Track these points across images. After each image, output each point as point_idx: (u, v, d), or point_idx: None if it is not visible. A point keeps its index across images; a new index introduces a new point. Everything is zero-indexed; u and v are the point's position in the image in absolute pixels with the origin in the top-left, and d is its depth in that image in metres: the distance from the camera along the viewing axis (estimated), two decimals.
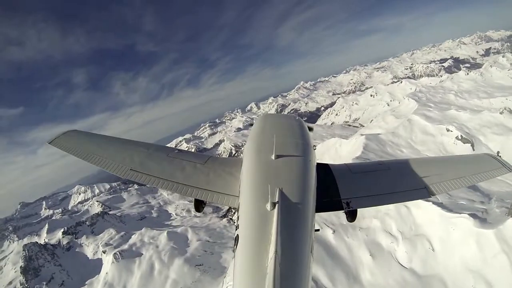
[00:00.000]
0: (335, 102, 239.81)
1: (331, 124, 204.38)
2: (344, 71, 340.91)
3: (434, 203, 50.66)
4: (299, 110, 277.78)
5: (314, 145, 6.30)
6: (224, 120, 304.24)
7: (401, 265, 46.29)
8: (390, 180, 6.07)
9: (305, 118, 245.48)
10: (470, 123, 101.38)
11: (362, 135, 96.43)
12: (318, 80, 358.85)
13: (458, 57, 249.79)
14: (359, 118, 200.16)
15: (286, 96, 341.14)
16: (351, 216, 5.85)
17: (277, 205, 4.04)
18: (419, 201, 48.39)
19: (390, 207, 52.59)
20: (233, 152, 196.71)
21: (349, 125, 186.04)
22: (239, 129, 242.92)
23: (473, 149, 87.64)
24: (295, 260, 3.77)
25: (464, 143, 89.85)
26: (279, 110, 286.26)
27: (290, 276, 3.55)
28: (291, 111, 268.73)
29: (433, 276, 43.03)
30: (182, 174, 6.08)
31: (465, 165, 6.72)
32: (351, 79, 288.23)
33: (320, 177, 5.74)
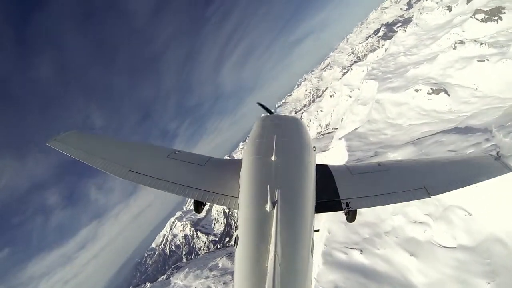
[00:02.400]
0: (301, 118, 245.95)
1: None
2: (296, 86, 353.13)
3: None
4: None
5: (314, 146, 6.59)
6: None
7: (448, 248, 44.22)
8: (389, 180, 6.40)
9: None
10: (432, 72, 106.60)
11: (340, 138, 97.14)
12: (276, 106, 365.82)
13: (388, 22, 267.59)
14: (329, 123, 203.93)
15: None
16: (351, 216, 6.15)
17: (276, 206, 4.21)
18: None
19: None
20: (226, 211, 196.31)
21: (323, 134, 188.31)
22: None
23: (448, 95, 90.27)
24: (295, 260, 3.99)
25: (437, 94, 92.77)
26: None
27: (290, 277, 3.75)
28: None
29: (486, 240, 41.35)
30: (182, 176, 6.43)
31: (465, 165, 7.09)
32: (306, 90, 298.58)
33: (320, 178, 6.03)
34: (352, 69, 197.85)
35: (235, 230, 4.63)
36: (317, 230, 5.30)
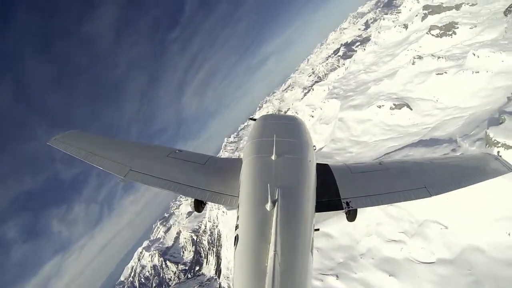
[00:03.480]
0: None
1: None
2: (258, 108, 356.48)
3: None
4: None
5: (314, 145, 6.83)
6: (172, 211, 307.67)
7: (427, 263, 43.99)
8: (389, 180, 6.63)
9: None
10: (393, 88, 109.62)
11: None
12: (239, 129, 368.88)
13: (347, 42, 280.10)
14: None
15: None
16: (351, 216, 6.36)
17: (276, 205, 4.30)
18: None
19: (375, 214, 50.90)
20: (194, 238, 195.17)
21: None
22: (189, 213, 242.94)
23: (411, 108, 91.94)
24: (295, 259, 4.09)
25: (400, 108, 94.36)
26: None
27: (290, 276, 3.85)
28: None
29: (465, 251, 41.50)
30: (182, 175, 6.69)
31: (465, 165, 7.43)
32: (267, 112, 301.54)
33: (320, 177, 6.21)
34: (313, 89, 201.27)
35: (235, 229, 4.71)
36: (317, 229, 5.33)
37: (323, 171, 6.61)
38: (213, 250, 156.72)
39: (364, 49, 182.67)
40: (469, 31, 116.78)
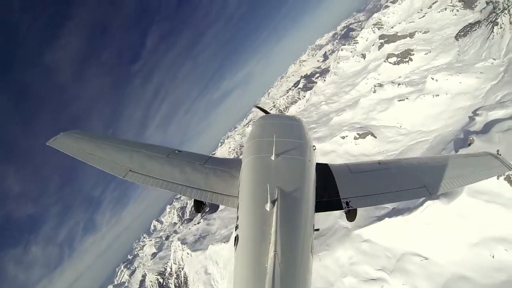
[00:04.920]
0: None
1: None
2: (220, 144, 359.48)
3: (384, 217, 49.88)
4: None
5: (314, 145, 6.89)
6: (135, 252, 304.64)
7: None
8: (389, 179, 6.77)
9: (208, 209, 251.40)
10: (356, 117, 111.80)
11: None
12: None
13: (306, 74, 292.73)
14: None
15: (180, 197, 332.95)
16: (351, 216, 6.61)
17: (276, 205, 4.41)
18: (372, 226, 48.94)
19: (348, 254, 50.05)
20: (161, 280, 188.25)
21: None
22: (154, 254, 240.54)
23: (375, 137, 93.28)
24: (295, 260, 4.18)
25: (364, 137, 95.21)
26: (179, 214, 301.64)
27: (290, 276, 3.94)
28: (192, 210, 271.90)
29: (449, 281, 40.37)
30: (182, 175, 6.84)
31: (465, 164, 7.41)
32: (229, 148, 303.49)
33: (320, 177, 6.39)
34: None
35: (235, 229, 4.80)
36: (317, 230, 5.47)
37: (323, 171, 6.77)
38: None
39: (324, 80, 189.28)
40: (424, 57, 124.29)
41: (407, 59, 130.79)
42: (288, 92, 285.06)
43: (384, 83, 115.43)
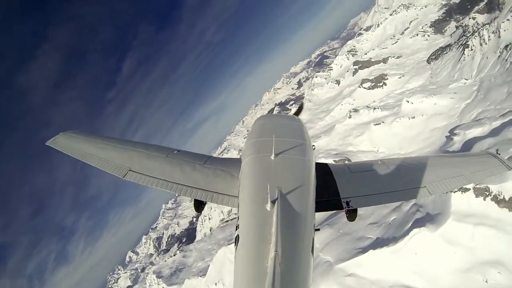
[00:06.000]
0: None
1: (210, 231, 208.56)
2: None
3: (368, 249, 49.12)
4: (175, 234, 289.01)
5: (313, 145, 6.85)
6: (110, 286, 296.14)
7: None
8: (389, 179, 6.82)
9: (185, 239, 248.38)
10: (332, 143, 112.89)
11: None
12: (177, 195, 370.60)
13: (281, 101, 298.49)
14: (231, 209, 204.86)
15: (156, 227, 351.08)
16: (351, 215, 6.44)
17: (276, 205, 4.38)
18: (356, 259, 47.63)
19: (325, 286, 48.27)
20: None
21: (227, 221, 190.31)
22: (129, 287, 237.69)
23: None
24: (296, 260, 4.18)
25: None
26: (156, 244, 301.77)
27: (290, 276, 3.95)
28: (168, 240, 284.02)
29: None
30: (182, 175, 6.93)
31: (465, 163, 7.49)
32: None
33: (320, 177, 6.31)
34: None
35: (235, 229, 4.85)
36: (318, 229, 5.48)
37: (323, 170, 6.77)
38: None
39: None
40: (398, 81, 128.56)
41: (381, 84, 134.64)
42: None
43: (359, 108, 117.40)
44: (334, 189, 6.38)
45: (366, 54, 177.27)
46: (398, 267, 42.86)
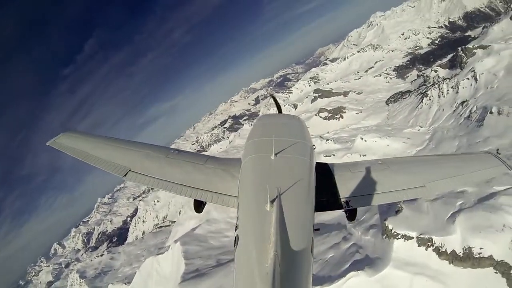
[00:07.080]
0: (137, 208, 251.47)
1: (142, 234, 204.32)
2: None
3: None
4: (106, 231, 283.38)
5: (313, 145, 6.91)
6: (29, 278, 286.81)
7: None
8: (389, 178, 6.75)
9: (115, 239, 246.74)
10: None
11: (176, 241, 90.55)
12: (115, 190, 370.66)
13: (235, 114, 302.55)
14: (167, 215, 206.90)
15: (88, 221, 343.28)
16: (351, 215, 6.52)
17: (276, 205, 4.39)
18: None
19: None
20: None
21: (160, 227, 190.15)
22: (50, 283, 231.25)
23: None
24: (295, 260, 4.20)
25: None
26: (85, 239, 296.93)
27: (290, 276, 3.98)
28: (99, 237, 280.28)
29: None
30: (182, 175, 6.82)
31: (464, 163, 7.46)
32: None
33: (319, 177, 6.30)
34: None
35: (235, 229, 4.91)
36: (318, 229, 5.50)
37: (323, 170, 6.70)
38: None
39: (251, 124, 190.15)
40: (355, 116, 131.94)
41: (338, 116, 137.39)
42: (213, 130, 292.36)
43: (312, 137, 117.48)
44: (334, 189, 6.40)
45: (328, 84, 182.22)
46: None
